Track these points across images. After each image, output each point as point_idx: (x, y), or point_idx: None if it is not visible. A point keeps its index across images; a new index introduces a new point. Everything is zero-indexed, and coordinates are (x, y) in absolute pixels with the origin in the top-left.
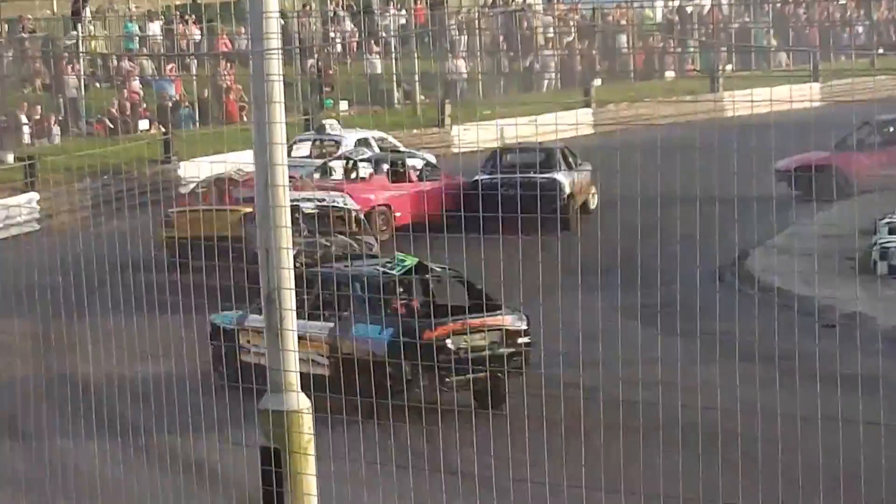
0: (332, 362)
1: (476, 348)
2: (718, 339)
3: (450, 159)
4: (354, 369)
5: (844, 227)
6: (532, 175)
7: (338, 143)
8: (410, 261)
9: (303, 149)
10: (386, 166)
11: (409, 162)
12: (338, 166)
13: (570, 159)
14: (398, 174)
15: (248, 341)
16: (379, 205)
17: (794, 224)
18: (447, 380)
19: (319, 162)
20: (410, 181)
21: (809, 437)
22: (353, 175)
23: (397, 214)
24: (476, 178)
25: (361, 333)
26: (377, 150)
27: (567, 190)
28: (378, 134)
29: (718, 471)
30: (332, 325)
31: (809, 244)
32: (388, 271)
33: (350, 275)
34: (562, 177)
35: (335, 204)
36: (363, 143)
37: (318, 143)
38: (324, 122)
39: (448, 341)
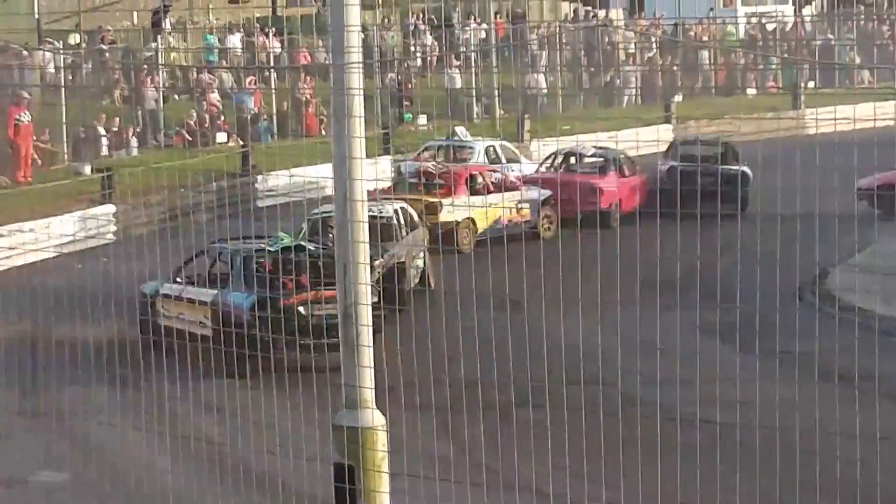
0: (214, 325)
1: (331, 316)
2: (798, 358)
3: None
4: (231, 331)
5: None
6: (726, 166)
7: (472, 150)
8: (288, 240)
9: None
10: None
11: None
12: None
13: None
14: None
15: (163, 307)
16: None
17: (875, 243)
18: (301, 343)
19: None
20: (626, 176)
21: (889, 458)
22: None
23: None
24: (670, 164)
25: (231, 300)
26: (502, 156)
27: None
28: (500, 142)
29: (796, 491)
30: (216, 292)
31: (891, 263)
32: (264, 247)
33: (230, 250)
34: (747, 170)
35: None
36: (490, 150)
37: (451, 149)
38: (456, 128)
39: (301, 308)
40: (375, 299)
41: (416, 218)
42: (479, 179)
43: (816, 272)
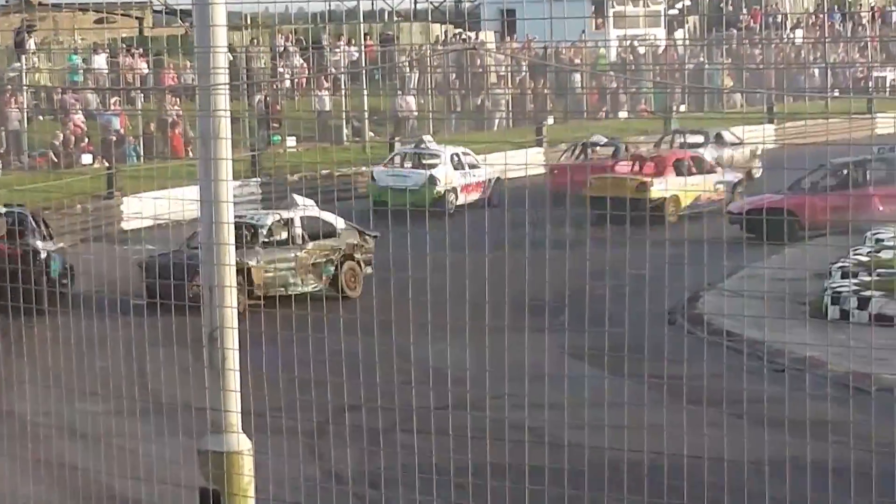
0: None
1: None
2: (666, 381)
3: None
4: None
5: (797, 270)
6: None
7: (439, 156)
8: None
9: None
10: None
11: None
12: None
13: None
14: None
15: None
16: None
17: (746, 267)
18: None
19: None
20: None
21: (758, 481)
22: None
23: None
24: None
25: None
26: (465, 163)
27: None
28: (461, 149)
29: None
30: None
31: (760, 287)
32: None
33: None
34: None
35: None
36: (455, 156)
37: (418, 156)
38: (423, 136)
39: None
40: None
41: (337, 225)
42: (685, 163)
43: (685, 296)
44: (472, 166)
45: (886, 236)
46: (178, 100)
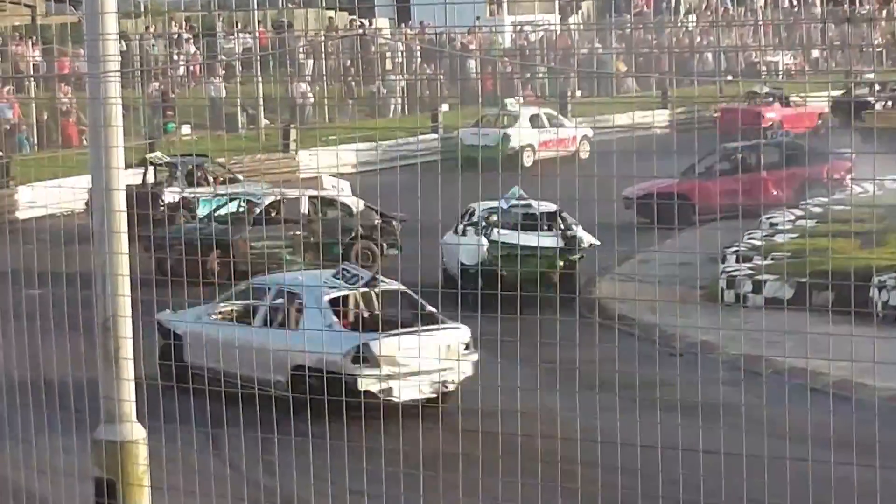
0: None
1: None
2: (559, 366)
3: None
4: None
5: (690, 254)
6: None
7: (517, 117)
8: None
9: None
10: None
11: None
12: None
13: None
14: None
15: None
16: None
17: (639, 252)
18: None
19: None
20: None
21: (650, 465)
22: None
23: None
24: None
25: None
26: (545, 121)
27: None
28: (546, 110)
29: (558, 499)
30: None
31: (654, 272)
32: None
33: None
34: None
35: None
36: (535, 117)
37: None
38: (505, 100)
39: None
40: None
41: (355, 207)
42: None
43: (580, 281)
44: (555, 124)
45: (779, 220)
46: (71, 88)
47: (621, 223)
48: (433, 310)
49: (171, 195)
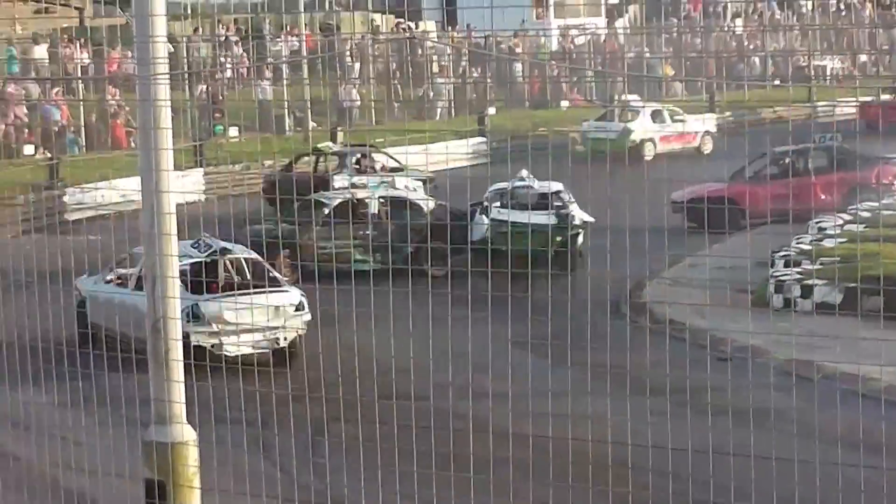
0: None
1: None
2: (610, 370)
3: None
4: None
5: (740, 259)
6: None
7: (639, 111)
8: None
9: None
10: None
11: None
12: None
13: None
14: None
15: None
16: None
17: (689, 256)
18: None
19: None
20: None
21: (702, 470)
22: None
23: None
24: None
25: None
26: (667, 117)
27: None
28: (669, 106)
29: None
30: None
31: (704, 276)
32: None
33: None
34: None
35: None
36: (657, 113)
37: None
38: (625, 97)
39: None
40: None
41: (426, 206)
42: None
43: (629, 285)
44: (677, 121)
45: (828, 225)
46: (119, 90)
47: (670, 227)
48: (278, 276)
49: (340, 182)
